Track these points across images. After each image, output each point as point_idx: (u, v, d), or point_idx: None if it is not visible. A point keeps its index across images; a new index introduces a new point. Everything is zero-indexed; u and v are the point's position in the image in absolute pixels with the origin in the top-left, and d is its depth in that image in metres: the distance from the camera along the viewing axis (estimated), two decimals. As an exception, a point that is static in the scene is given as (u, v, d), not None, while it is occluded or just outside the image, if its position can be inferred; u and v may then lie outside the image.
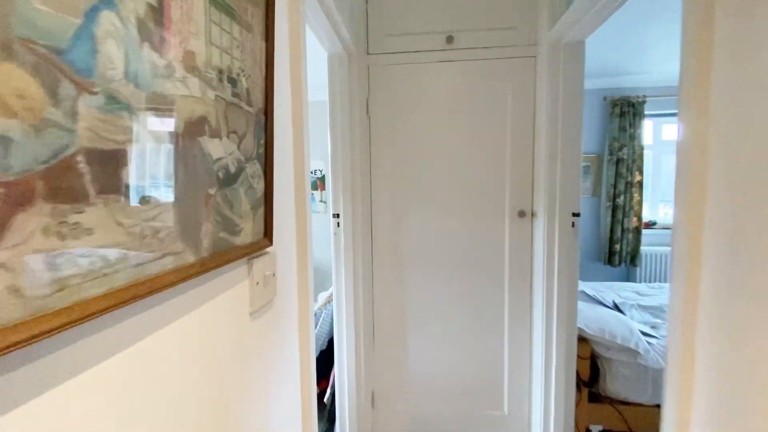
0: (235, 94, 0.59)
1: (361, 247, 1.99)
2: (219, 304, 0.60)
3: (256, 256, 0.72)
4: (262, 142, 0.69)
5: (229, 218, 0.57)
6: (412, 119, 1.99)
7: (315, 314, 2.59)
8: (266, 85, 0.69)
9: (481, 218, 2.00)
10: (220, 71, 0.54)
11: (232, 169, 0.58)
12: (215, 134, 0.53)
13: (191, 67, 0.48)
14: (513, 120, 1.94)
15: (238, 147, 0.60)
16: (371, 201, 2.06)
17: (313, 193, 4.39)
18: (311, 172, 4.38)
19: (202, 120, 0.50)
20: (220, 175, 0.55)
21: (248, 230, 0.65)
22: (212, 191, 0.53)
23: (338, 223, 1.98)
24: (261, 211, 0.70)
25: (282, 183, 0.86)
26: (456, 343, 2.08)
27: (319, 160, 3.95)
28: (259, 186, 0.68)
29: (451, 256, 2.03)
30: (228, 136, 0.56)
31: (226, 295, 0.62)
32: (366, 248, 2.04)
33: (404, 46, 1.97)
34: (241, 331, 0.68)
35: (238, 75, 0.59)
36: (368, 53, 1.98)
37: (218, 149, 0.54)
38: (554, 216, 1.83)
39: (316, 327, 2.52)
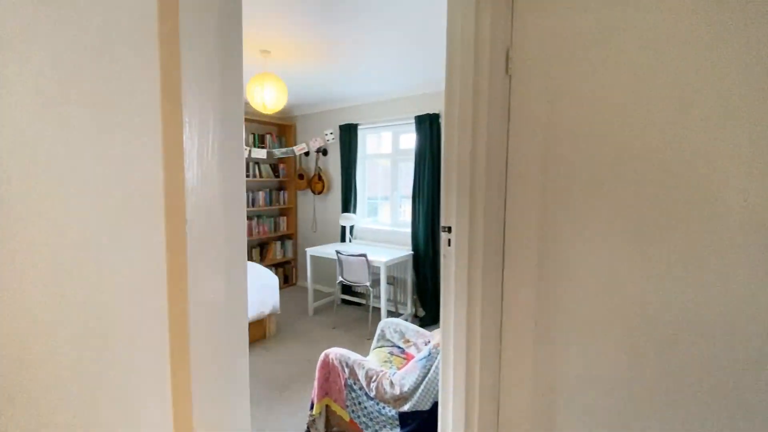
0: None
1: (481, 281, 1.28)
2: None
3: None
4: None
5: None
6: (590, 77, 1.13)
7: (430, 354, 2.00)
8: None
9: (735, 260, 0.95)
10: None
11: None
12: None
13: None
14: None
15: None
16: (505, 214, 1.32)
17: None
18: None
19: None
20: None
21: None
22: None
23: (449, 240, 1.34)
24: None
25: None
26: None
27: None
28: None
29: (653, 331, 1.07)
30: None
31: None
32: (491, 285, 1.31)
33: (582, -54, 1.13)
34: None
35: None
36: (515, -24, 1.24)
37: None
38: None
39: (430, 371, 1.94)
